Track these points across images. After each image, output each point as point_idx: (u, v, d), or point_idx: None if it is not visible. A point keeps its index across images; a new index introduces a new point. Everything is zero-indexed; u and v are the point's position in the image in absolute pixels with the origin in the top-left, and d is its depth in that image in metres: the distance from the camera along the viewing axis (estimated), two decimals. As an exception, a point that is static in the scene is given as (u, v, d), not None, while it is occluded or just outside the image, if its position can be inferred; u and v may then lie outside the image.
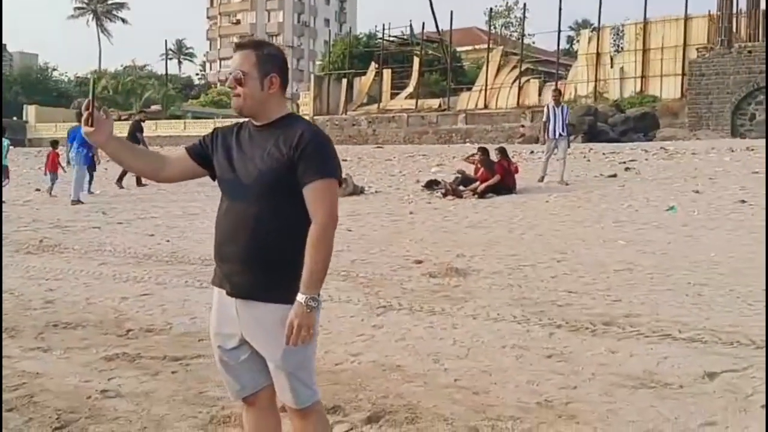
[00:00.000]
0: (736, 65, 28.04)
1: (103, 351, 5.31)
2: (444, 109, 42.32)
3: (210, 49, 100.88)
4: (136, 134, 18.54)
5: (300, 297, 2.61)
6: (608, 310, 5.92)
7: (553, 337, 5.27)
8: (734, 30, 29.45)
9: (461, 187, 13.80)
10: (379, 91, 46.03)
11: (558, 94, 16.25)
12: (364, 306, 6.34)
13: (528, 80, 41.26)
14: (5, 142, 16.52)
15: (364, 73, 47.05)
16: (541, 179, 15.01)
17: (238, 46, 2.81)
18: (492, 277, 7.26)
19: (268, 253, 2.70)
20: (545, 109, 15.80)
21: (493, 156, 14.46)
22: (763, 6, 29.77)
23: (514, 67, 41.86)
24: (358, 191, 14.82)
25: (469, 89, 43.13)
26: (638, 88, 36.33)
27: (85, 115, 2.75)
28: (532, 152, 21.76)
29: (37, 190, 17.07)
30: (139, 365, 5.04)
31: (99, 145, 2.82)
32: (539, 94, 39.83)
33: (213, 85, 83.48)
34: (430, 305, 6.27)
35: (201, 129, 44.82)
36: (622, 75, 37.35)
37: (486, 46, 49.21)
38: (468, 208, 12.43)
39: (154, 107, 55.32)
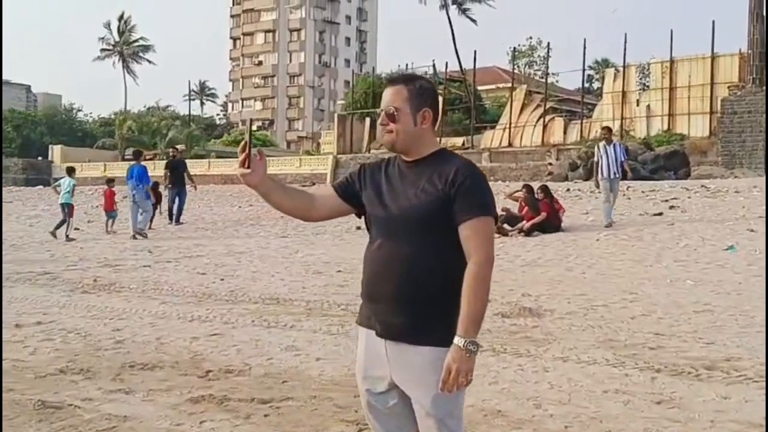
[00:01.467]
0: (770, 103, 27.87)
1: (187, 393, 5.18)
2: (468, 147, 42.35)
3: (232, 90, 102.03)
4: (180, 170, 18.59)
5: (458, 340, 2.49)
6: (705, 353, 5.71)
7: (657, 382, 5.07)
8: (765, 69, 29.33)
9: (506, 226, 13.62)
10: (402, 130, 46.18)
11: (608, 131, 15.22)
12: (445, 347, 6.15)
13: (553, 118, 41.33)
14: (71, 181, 16.56)
15: (388, 112, 47.25)
16: (609, 225, 13.74)
17: (390, 82, 2.72)
18: (568, 318, 7.06)
19: (422, 292, 2.58)
20: (596, 149, 14.79)
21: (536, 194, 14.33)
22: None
23: (538, 105, 41.99)
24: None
25: (493, 127, 43.23)
26: (665, 127, 36.24)
27: (241, 157, 2.65)
28: (568, 190, 21.57)
29: (77, 229, 17.01)
30: (228, 408, 4.89)
31: (253, 186, 2.72)
32: (564, 132, 39.90)
33: (235, 125, 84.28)
34: (513, 347, 6.09)
35: (225, 168, 45.14)
36: (648, 113, 37.31)
37: (508, 84, 49.55)
38: (517, 246, 12.25)
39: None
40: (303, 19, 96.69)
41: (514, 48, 45.66)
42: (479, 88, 49.67)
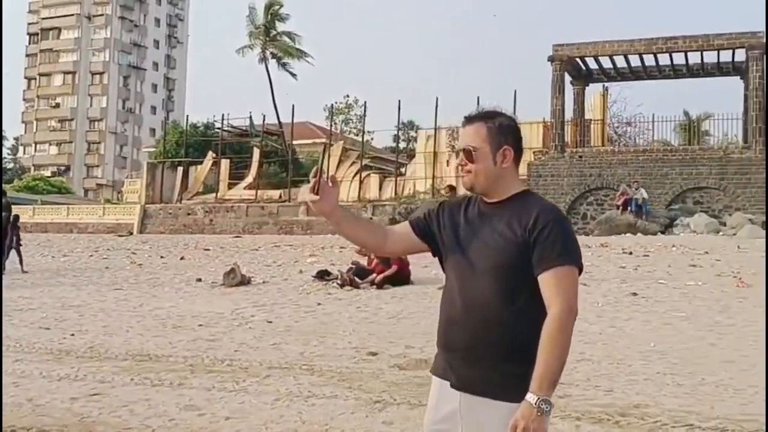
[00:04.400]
0: (570, 168, 30.27)
1: (95, 461, 4.63)
2: (285, 200, 42.28)
3: (25, 132, 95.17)
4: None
5: (530, 397, 2.35)
6: (611, 401, 5.93)
7: (582, 430, 5.20)
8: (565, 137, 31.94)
9: (357, 279, 13.63)
10: (216, 180, 45.37)
11: (451, 190, 15.72)
12: (358, 401, 5.98)
13: (368, 175, 42.26)
14: None
15: (200, 162, 46.28)
16: None
17: (468, 119, 2.61)
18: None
19: (499, 343, 2.46)
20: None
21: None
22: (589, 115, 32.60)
23: (354, 162, 42.86)
24: (245, 281, 14.27)
25: (309, 182, 43.42)
26: (471, 187, 38.17)
27: (312, 182, 2.45)
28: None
29: None
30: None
31: (325, 214, 2.52)
32: (380, 188, 40.91)
33: (28, 170, 78.63)
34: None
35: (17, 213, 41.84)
36: (457, 173, 39.10)
37: (322, 140, 50.36)
38: (373, 298, 12.27)
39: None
40: (106, 62, 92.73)
41: (332, 105, 46.40)
42: (294, 142, 49.98)
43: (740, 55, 31.65)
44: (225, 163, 45.42)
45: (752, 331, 9.28)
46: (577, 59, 32.95)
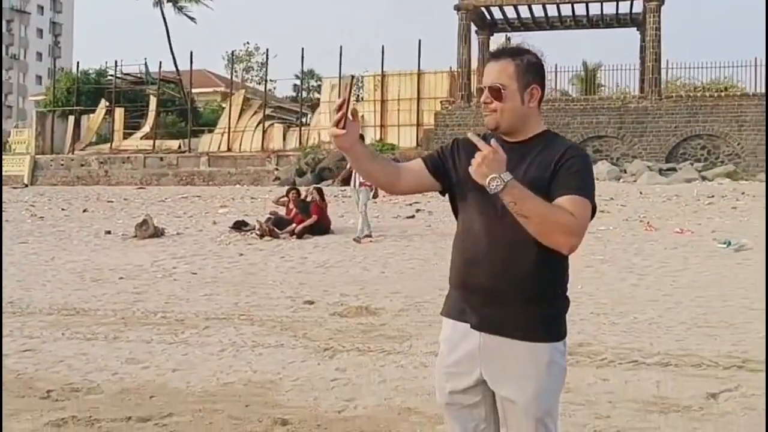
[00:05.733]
0: (476, 117, 30.58)
1: (40, 417, 4.41)
2: (185, 151, 41.19)
3: None
4: None
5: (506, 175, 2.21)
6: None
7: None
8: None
9: (276, 229, 13.43)
10: (110, 130, 43.70)
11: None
12: (307, 350, 5.91)
13: (272, 125, 41.58)
14: None
15: (93, 111, 44.40)
16: (358, 240, 12.73)
17: (494, 55, 2.49)
18: (405, 314, 7.15)
19: (525, 282, 2.38)
20: None
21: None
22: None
23: (257, 111, 42.05)
24: (159, 233, 13.83)
25: (211, 131, 42.40)
26: (378, 137, 38.09)
27: (337, 116, 2.30)
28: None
29: None
30: (102, 429, 4.25)
31: (346, 149, 2.38)
32: (284, 139, 40.35)
33: None
34: (376, 345, 6.01)
35: None
36: (362, 123, 38.90)
37: (221, 88, 49.12)
38: (296, 248, 12.12)
39: None
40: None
41: (233, 52, 45.14)
42: (193, 90, 48.53)
43: (638, 7, 32.57)
44: (119, 112, 43.75)
45: (668, 271, 9.70)
46: (483, 8, 33.10)
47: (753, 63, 31.50)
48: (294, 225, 13.50)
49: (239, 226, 14.22)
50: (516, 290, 2.38)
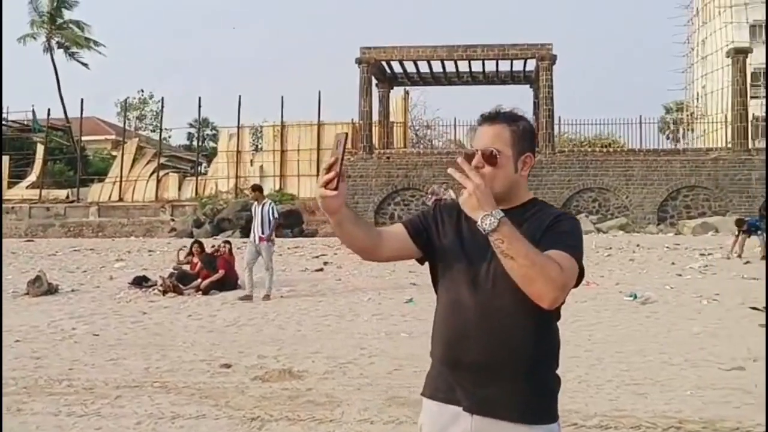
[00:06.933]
0: (378, 169, 30.80)
1: None
2: (73, 201, 39.62)
3: None
4: None
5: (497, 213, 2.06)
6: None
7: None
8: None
9: (181, 285, 12.86)
10: (-6, 179, 41.62)
11: (258, 190, 13.20)
12: (232, 420, 5.53)
13: (167, 174, 40.60)
14: None
15: (-26, 159, 42.23)
16: (248, 298, 12.07)
17: (488, 119, 2.34)
18: (331, 377, 6.83)
19: (524, 354, 2.24)
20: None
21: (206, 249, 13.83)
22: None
23: (150, 160, 40.99)
24: (53, 290, 13.01)
25: (101, 180, 41.00)
26: (278, 186, 37.78)
27: (329, 175, 2.09)
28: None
29: None
30: None
31: (333, 212, 2.17)
32: (179, 188, 39.42)
33: None
34: (306, 413, 5.68)
35: None
36: (261, 173, 38.58)
37: (114, 136, 47.81)
38: (203, 305, 11.61)
39: None
40: None
41: (126, 99, 44.01)
42: (83, 138, 46.98)
43: (531, 65, 33.79)
44: (5, 160, 41.74)
45: (582, 326, 9.78)
46: (383, 62, 33.56)
47: (638, 120, 33.20)
48: (199, 280, 12.97)
49: (140, 281, 13.56)
50: (513, 364, 2.23)
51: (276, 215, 12.88)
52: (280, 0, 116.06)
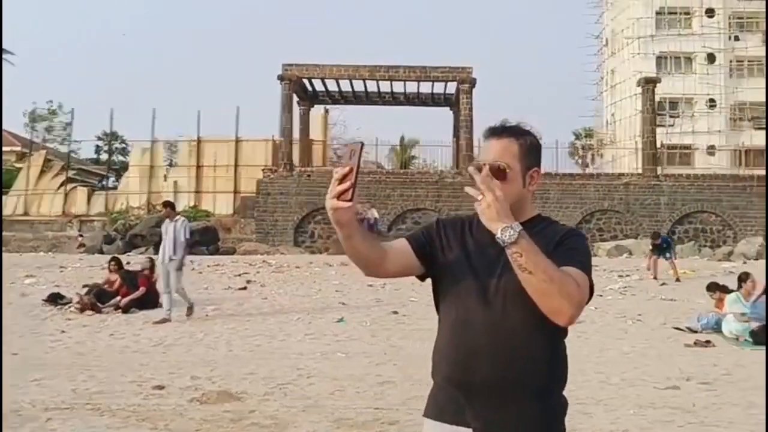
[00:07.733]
0: (298, 186, 30.49)
1: None
2: (-28, 215, 37.73)
3: None
4: None
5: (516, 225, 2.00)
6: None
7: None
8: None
9: (99, 303, 12.29)
10: None
11: (169, 207, 12.16)
12: (174, 446, 5.22)
13: (75, 187, 39.16)
14: None
15: None
16: (165, 321, 11.22)
17: (494, 132, 2.27)
18: (272, 399, 6.58)
19: (537, 375, 2.17)
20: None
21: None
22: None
23: (58, 173, 39.50)
24: (-44, 306, 12.22)
25: (5, 193, 39.23)
26: (192, 203, 36.93)
27: (344, 185, 1.99)
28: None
29: None
30: None
31: (343, 224, 2.06)
32: (87, 203, 38.08)
33: None
34: (252, 437, 5.43)
35: None
36: (176, 188, 37.64)
37: (19, 148, 45.92)
38: (124, 324, 11.11)
39: None
40: None
41: (33, 110, 42.32)
42: (-16, 149, 44.92)
43: (452, 88, 34.21)
44: None
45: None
46: (305, 80, 33.37)
47: (554, 145, 34.02)
48: (119, 298, 12.44)
49: (54, 299, 12.90)
50: (525, 383, 2.16)
51: (188, 235, 11.97)
52: (201, 13, 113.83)
